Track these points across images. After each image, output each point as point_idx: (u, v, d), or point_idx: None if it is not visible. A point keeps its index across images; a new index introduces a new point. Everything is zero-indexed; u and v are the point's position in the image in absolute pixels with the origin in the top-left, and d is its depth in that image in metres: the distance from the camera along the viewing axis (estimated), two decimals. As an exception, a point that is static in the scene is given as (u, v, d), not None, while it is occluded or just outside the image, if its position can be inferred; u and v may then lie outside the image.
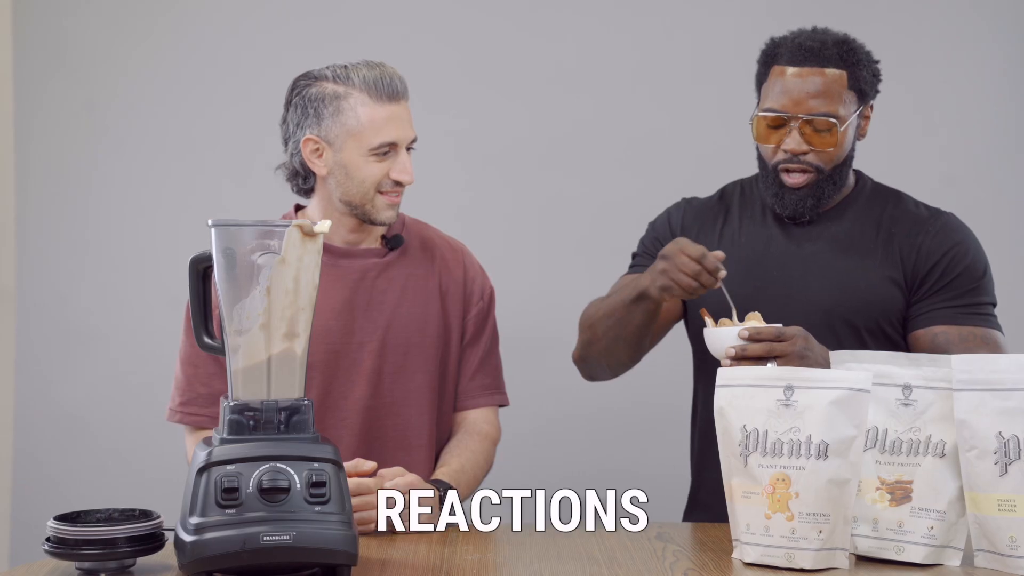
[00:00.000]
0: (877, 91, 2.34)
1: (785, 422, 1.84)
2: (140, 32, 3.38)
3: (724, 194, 2.48)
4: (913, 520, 1.86)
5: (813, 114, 2.24)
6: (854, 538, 1.89)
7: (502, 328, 2.43)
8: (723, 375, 1.92)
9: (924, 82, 3.37)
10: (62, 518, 1.80)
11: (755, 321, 2.13)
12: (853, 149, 2.33)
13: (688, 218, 2.45)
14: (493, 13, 3.40)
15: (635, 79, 3.38)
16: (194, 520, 1.69)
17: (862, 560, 1.89)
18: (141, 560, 1.83)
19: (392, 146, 2.21)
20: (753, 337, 2.07)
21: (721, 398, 1.90)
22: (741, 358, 2.07)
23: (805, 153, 2.27)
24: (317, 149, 2.22)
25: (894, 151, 3.35)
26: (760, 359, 2.07)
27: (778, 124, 2.27)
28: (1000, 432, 1.80)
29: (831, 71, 2.25)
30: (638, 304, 2.24)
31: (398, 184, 2.23)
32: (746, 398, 1.87)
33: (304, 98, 2.22)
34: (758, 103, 2.32)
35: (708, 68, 3.36)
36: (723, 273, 2.12)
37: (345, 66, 2.22)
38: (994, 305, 2.32)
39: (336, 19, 3.36)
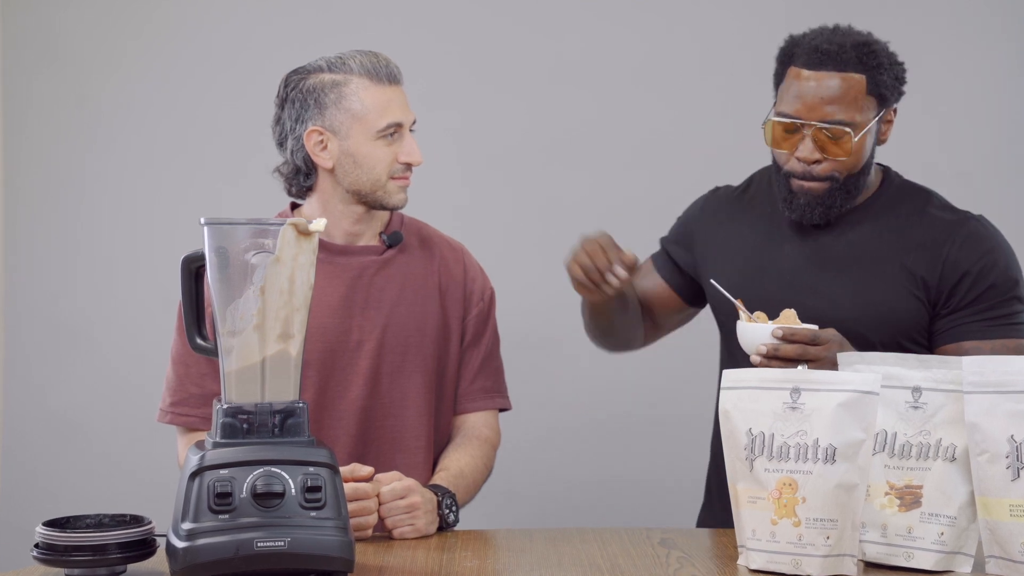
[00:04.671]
0: (901, 93, 2.22)
1: (792, 425, 1.81)
2: (132, 27, 3.36)
3: (751, 185, 2.39)
4: (923, 526, 1.84)
5: (827, 121, 2.13)
6: (862, 544, 1.86)
7: (502, 330, 2.40)
8: (728, 377, 1.88)
9: (938, 79, 3.34)
10: (51, 524, 1.78)
11: (790, 319, 2.05)
12: (873, 155, 2.21)
13: (708, 212, 2.39)
14: (494, 9, 3.37)
15: (639, 76, 3.36)
16: (186, 526, 1.67)
17: (871, 567, 1.87)
18: (132, 567, 1.80)
19: (397, 127, 2.19)
20: (787, 337, 2.00)
21: (726, 401, 1.87)
22: (773, 357, 2.00)
23: (819, 162, 2.16)
24: (322, 140, 2.19)
25: (907, 149, 3.32)
26: (792, 361, 2.00)
27: (792, 129, 2.16)
28: (1012, 436, 1.77)
29: (849, 75, 2.13)
30: (595, 307, 2.23)
31: (407, 167, 2.22)
32: (751, 400, 1.84)
33: (301, 91, 2.18)
34: (774, 104, 2.22)
35: (714, 64, 3.33)
36: (622, 273, 2.07)
37: (339, 55, 2.20)
38: None
39: (332, 15, 3.34)
